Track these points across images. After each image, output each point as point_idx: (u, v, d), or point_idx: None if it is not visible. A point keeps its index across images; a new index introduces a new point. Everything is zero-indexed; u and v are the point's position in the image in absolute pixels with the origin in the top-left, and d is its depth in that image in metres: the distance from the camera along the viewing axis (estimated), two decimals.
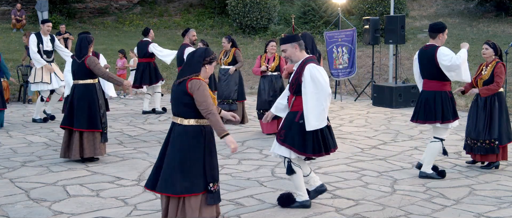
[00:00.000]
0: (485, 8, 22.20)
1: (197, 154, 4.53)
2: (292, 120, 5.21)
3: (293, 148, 5.18)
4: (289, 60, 5.40)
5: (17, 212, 5.32)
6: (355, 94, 14.22)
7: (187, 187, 4.47)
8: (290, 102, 5.33)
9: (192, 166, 4.51)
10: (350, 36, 13.50)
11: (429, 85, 6.47)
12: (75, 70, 7.33)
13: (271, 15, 20.07)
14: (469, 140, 7.04)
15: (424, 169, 6.57)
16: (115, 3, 23.58)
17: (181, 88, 4.50)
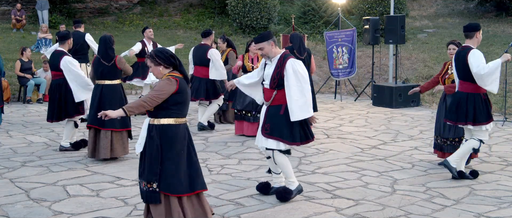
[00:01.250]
0: (485, 8, 22.20)
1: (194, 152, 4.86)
2: (276, 113, 5.43)
3: (282, 139, 5.40)
4: (266, 58, 5.53)
5: (17, 212, 5.32)
6: (355, 94, 14.21)
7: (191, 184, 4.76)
8: (271, 96, 5.47)
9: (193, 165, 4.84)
10: (350, 36, 13.50)
11: (464, 86, 6.38)
12: (103, 70, 7.35)
13: (271, 15, 20.07)
14: (439, 139, 7.07)
15: (450, 160, 6.44)
16: (115, 3, 23.57)
17: None
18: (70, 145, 8.01)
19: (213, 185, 6.19)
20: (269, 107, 5.51)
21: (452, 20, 21.23)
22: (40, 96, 13.31)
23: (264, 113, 5.55)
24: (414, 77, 14.72)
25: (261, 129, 5.53)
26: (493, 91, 6.31)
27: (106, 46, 7.36)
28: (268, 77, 5.49)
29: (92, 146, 7.28)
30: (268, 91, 5.51)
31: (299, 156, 7.68)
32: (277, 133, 5.40)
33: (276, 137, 5.41)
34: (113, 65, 7.34)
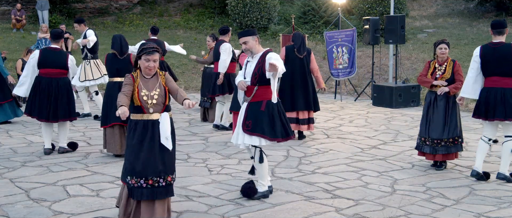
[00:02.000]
0: (485, 8, 22.20)
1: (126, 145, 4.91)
2: (257, 110, 5.49)
3: (264, 135, 5.45)
4: (249, 53, 5.59)
5: (17, 212, 5.32)
6: (355, 94, 14.21)
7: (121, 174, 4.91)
8: (252, 92, 5.52)
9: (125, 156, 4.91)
10: (350, 36, 13.50)
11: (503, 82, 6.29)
12: (119, 67, 7.47)
13: (271, 15, 20.07)
14: (428, 141, 6.90)
15: (502, 171, 6.45)
16: (115, 3, 23.57)
17: None
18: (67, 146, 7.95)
19: (213, 185, 6.19)
20: (249, 104, 5.56)
21: (452, 20, 21.23)
22: None
23: (245, 110, 5.59)
24: (414, 77, 14.72)
25: (241, 126, 5.56)
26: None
27: (121, 44, 7.54)
28: (249, 74, 5.57)
29: (119, 142, 7.42)
30: (249, 87, 5.56)
31: (299, 156, 7.68)
32: (259, 129, 5.45)
33: (258, 134, 5.46)
34: (128, 62, 7.48)
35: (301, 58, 8.76)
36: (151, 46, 4.79)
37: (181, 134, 9.11)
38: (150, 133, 4.78)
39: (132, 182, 4.74)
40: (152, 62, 4.79)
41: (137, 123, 4.81)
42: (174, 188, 4.92)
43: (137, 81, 4.80)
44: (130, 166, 4.75)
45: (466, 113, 11.48)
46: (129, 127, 4.87)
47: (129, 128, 4.86)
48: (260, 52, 5.59)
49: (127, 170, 4.78)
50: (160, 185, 4.78)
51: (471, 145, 8.40)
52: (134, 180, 4.74)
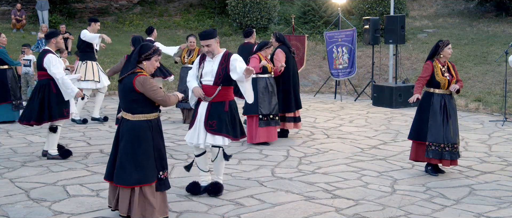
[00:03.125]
0: (485, 8, 22.20)
1: (147, 147, 4.84)
2: (221, 110, 5.62)
3: (228, 135, 5.64)
4: (210, 54, 5.67)
5: (17, 212, 5.32)
6: (355, 94, 14.21)
7: (139, 178, 4.79)
8: (214, 92, 5.61)
9: (144, 158, 4.83)
10: (350, 36, 13.50)
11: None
12: None
13: (271, 15, 20.06)
14: (448, 147, 6.53)
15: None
16: (115, 3, 23.57)
17: (127, 85, 4.78)
18: (58, 154, 7.48)
19: None
20: (211, 103, 5.62)
21: (452, 20, 21.22)
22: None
23: (206, 109, 5.62)
24: (414, 77, 14.72)
25: (204, 126, 5.62)
26: None
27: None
28: (209, 74, 5.63)
29: None
30: (211, 87, 5.62)
31: (299, 156, 7.68)
32: (224, 129, 5.60)
33: (224, 134, 5.60)
34: None
35: (294, 58, 8.84)
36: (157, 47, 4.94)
37: (181, 134, 9.11)
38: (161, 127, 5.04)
39: (165, 174, 4.97)
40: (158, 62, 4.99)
41: (158, 120, 4.99)
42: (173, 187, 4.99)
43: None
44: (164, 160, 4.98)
45: (466, 113, 11.48)
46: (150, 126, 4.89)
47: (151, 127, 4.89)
48: (220, 53, 5.69)
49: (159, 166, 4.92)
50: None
51: (471, 145, 8.41)
52: (166, 172, 4.99)
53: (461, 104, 12.14)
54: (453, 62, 15.21)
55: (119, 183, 4.85)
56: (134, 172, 4.79)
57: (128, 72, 4.79)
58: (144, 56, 4.83)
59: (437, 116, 6.59)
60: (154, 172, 4.87)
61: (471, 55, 15.83)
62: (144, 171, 4.81)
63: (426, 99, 6.74)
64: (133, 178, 4.78)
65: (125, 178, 4.80)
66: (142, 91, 4.74)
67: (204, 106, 5.66)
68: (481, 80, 14.08)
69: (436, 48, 6.74)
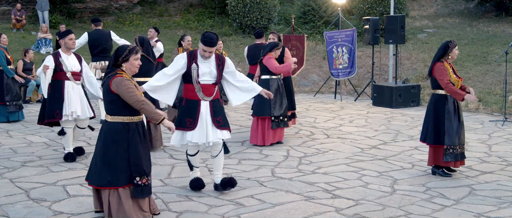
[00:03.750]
0: (485, 8, 22.20)
1: (120, 149, 4.78)
2: (220, 106, 5.94)
3: (229, 129, 5.96)
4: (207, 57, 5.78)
5: (17, 212, 5.32)
6: (355, 94, 14.21)
7: (110, 180, 4.77)
8: (214, 91, 5.85)
9: (115, 161, 4.78)
10: (350, 36, 13.50)
11: None
12: (149, 68, 7.71)
13: (271, 15, 20.06)
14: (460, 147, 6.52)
15: None
16: (115, 3, 23.57)
17: (105, 87, 4.76)
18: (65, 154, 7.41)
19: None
20: (212, 102, 5.84)
21: (452, 20, 21.22)
22: (40, 96, 13.32)
23: (210, 108, 5.81)
24: (414, 77, 14.72)
25: (212, 123, 5.78)
26: None
27: (148, 46, 7.86)
28: (207, 74, 5.78)
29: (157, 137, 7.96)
30: (211, 86, 5.82)
31: (299, 156, 7.68)
32: (227, 124, 5.93)
33: (227, 128, 5.92)
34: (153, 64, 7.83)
35: None
36: (134, 46, 4.87)
37: None
38: (144, 132, 4.96)
39: (143, 181, 4.84)
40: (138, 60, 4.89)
41: (138, 124, 4.90)
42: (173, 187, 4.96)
43: (132, 82, 4.81)
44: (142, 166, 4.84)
45: (466, 113, 11.47)
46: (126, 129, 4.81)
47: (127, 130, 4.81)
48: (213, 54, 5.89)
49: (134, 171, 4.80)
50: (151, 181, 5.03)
51: (471, 145, 8.41)
52: (145, 179, 4.86)
53: (461, 104, 12.12)
54: (454, 62, 15.24)
55: (92, 183, 4.89)
56: (106, 174, 4.78)
57: (108, 74, 4.77)
58: (121, 59, 4.78)
59: (452, 118, 6.52)
60: (126, 176, 4.79)
61: (471, 55, 15.83)
62: (116, 174, 4.77)
63: (441, 102, 6.55)
64: (105, 179, 4.78)
65: (97, 179, 4.83)
66: (117, 92, 4.70)
67: (206, 105, 5.78)
68: (481, 80, 14.08)
69: (445, 49, 6.59)
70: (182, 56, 5.83)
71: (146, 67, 7.55)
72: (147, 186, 4.88)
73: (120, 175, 4.78)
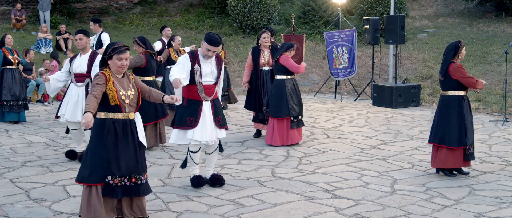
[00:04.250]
0: (485, 8, 22.20)
1: (94, 145, 4.69)
2: (220, 106, 6.13)
3: (227, 127, 6.18)
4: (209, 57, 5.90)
5: (17, 212, 5.32)
6: (355, 94, 14.21)
7: (84, 176, 4.67)
8: (214, 91, 5.99)
9: (90, 157, 4.69)
10: (350, 36, 13.50)
11: None
12: (155, 67, 8.10)
13: (271, 15, 20.06)
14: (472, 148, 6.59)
15: None
16: (115, 3, 23.56)
17: None
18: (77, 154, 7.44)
19: None
20: (213, 101, 6.01)
21: (452, 20, 21.22)
22: (40, 96, 13.33)
23: (212, 108, 5.98)
24: (414, 77, 14.72)
25: (214, 122, 5.96)
26: None
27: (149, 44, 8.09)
28: (209, 75, 5.93)
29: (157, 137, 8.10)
30: (212, 87, 5.98)
31: (299, 156, 7.68)
32: (225, 123, 6.14)
33: (225, 126, 6.14)
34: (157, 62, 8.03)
35: None
36: (122, 45, 4.76)
37: None
38: (130, 132, 4.77)
39: (115, 181, 4.68)
40: (124, 60, 4.75)
41: (116, 122, 4.70)
42: (173, 187, 4.90)
43: (111, 80, 4.69)
44: (110, 165, 4.66)
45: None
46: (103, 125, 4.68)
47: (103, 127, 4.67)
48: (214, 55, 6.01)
49: (106, 169, 4.65)
50: (142, 183, 4.82)
51: None
52: (117, 180, 4.68)
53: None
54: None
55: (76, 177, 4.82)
56: (83, 169, 4.70)
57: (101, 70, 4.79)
58: (106, 56, 4.75)
59: (469, 118, 6.55)
60: (98, 173, 4.63)
61: (471, 55, 15.83)
62: (89, 170, 4.64)
63: (460, 103, 6.52)
64: (80, 175, 4.70)
65: (78, 173, 4.75)
66: None
67: (208, 105, 5.95)
68: None
69: (456, 49, 6.52)
70: (186, 58, 5.87)
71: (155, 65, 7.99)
72: (120, 187, 4.69)
73: (93, 172, 4.63)
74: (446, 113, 6.55)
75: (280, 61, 8.18)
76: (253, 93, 8.89)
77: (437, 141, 6.59)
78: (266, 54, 8.77)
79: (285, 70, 8.22)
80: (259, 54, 8.73)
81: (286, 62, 8.13)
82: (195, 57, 5.86)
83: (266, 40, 8.71)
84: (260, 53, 8.74)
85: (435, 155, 6.67)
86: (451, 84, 6.52)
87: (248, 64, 8.89)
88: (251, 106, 8.96)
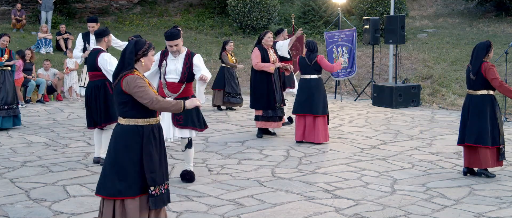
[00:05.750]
0: (485, 8, 22.20)
1: (132, 155, 4.24)
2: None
3: (195, 128, 6.15)
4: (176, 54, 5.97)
5: (17, 212, 5.32)
6: (355, 94, 14.21)
7: (121, 190, 4.22)
8: (179, 89, 6.01)
9: (127, 168, 4.24)
10: (350, 36, 13.50)
11: None
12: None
13: (271, 15, 20.06)
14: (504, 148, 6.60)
15: None
16: (115, 3, 23.56)
17: (117, 87, 4.25)
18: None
19: (213, 185, 6.20)
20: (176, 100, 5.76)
21: (452, 20, 21.22)
22: (40, 96, 13.33)
23: None
24: (414, 77, 14.72)
25: (171, 121, 6.05)
26: None
27: None
28: (173, 72, 6.01)
29: None
30: (176, 85, 6.03)
31: (299, 156, 7.68)
32: (190, 123, 6.08)
33: (191, 127, 6.10)
34: None
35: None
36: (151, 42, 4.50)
37: None
38: (161, 135, 4.45)
39: (156, 191, 4.29)
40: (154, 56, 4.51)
41: (154, 127, 4.35)
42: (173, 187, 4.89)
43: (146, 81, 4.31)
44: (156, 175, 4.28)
45: None
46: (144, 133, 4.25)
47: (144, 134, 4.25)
48: (183, 52, 6.06)
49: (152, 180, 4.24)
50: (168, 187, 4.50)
51: None
52: (157, 189, 4.31)
53: (461, 104, 12.12)
54: (453, 62, 15.25)
55: (100, 193, 4.31)
56: (116, 182, 4.22)
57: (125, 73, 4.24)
58: (141, 52, 4.30)
59: (499, 117, 6.58)
60: (138, 185, 4.23)
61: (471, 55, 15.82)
62: (127, 182, 4.21)
63: (492, 102, 6.54)
64: (115, 188, 4.21)
65: (106, 187, 4.27)
66: (129, 92, 4.19)
67: None
68: None
69: (488, 48, 6.51)
70: (157, 54, 6.10)
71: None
72: (161, 196, 4.31)
73: (132, 184, 4.22)
74: (479, 113, 6.52)
75: (318, 62, 8.49)
76: (261, 92, 8.82)
77: (472, 141, 6.52)
78: (272, 53, 8.96)
79: (319, 70, 8.58)
80: (267, 52, 8.83)
81: (322, 62, 8.53)
82: (165, 54, 6.09)
83: (270, 39, 8.86)
84: (267, 52, 8.84)
85: (470, 156, 6.62)
86: (482, 83, 6.51)
87: (260, 60, 8.79)
88: (260, 105, 8.88)
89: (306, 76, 8.58)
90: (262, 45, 8.85)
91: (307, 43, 8.66)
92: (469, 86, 6.64)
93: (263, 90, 8.79)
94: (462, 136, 6.65)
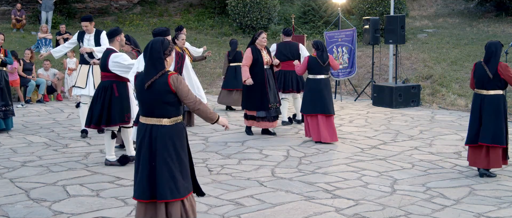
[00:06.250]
0: (485, 8, 22.20)
1: (186, 152, 4.37)
2: None
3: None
4: None
5: (17, 212, 5.32)
6: (355, 94, 14.21)
7: (187, 187, 4.33)
8: None
9: (186, 165, 4.34)
10: (350, 36, 13.50)
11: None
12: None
13: (271, 15, 20.06)
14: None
15: None
16: (115, 3, 23.57)
17: (162, 87, 4.16)
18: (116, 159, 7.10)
19: (213, 185, 6.19)
20: None
21: (452, 20, 21.22)
22: (40, 96, 13.33)
23: None
24: (414, 77, 14.72)
25: None
26: None
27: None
28: None
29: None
30: None
31: (299, 156, 7.68)
32: None
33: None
34: None
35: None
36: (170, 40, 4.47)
37: None
38: None
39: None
40: None
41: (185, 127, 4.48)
42: None
43: None
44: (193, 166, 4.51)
45: (466, 113, 11.47)
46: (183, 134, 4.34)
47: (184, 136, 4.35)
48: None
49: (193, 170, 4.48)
50: None
51: None
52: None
53: (461, 104, 12.13)
54: (453, 62, 15.24)
55: (174, 197, 4.21)
56: (184, 182, 4.27)
57: (159, 73, 4.16)
58: (167, 51, 4.26)
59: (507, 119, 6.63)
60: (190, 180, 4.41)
61: (471, 55, 15.82)
62: (189, 178, 4.36)
63: (505, 101, 6.58)
64: (185, 188, 4.28)
65: (179, 189, 4.23)
66: (176, 91, 4.17)
67: None
68: None
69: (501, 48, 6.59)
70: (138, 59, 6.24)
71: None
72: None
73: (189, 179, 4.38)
74: (495, 112, 6.51)
75: (330, 63, 8.73)
76: (254, 93, 8.85)
77: (488, 141, 6.49)
78: (265, 54, 8.97)
79: (329, 69, 8.86)
80: (260, 53, 8.81)
81: (333, 63, 8.89)
82: None
83: (265, 40, 8.95)
84: (261, 53, 8.80)
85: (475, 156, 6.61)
86: (498, 83, 6.52)
87: (248, 63, 8.86)
88: (253, 106, 8.90)
89: (318, 76, 8.63)
90: (256, 45, 8.88)
91: (315, 44, 8.67)
92: (481, 86, 6.60)
93: (255, 90, 8.82)
94: (473, 136, 6.61)
